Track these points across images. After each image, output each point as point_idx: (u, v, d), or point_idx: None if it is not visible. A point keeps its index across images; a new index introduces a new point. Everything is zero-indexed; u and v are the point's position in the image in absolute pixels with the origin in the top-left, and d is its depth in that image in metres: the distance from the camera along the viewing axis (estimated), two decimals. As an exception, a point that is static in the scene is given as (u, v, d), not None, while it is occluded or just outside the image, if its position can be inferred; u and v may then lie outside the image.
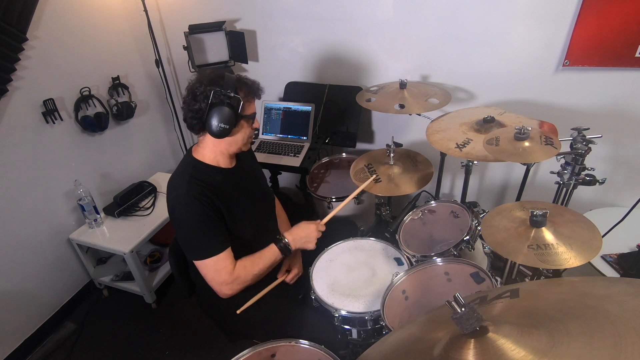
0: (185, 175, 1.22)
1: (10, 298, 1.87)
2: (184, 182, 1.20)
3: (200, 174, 1.23)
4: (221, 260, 1.20)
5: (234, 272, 1.22)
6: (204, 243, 1.20)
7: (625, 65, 1.64)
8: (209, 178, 1.24)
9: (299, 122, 2.16)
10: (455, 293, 0.69)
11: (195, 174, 1.22)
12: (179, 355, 1.93)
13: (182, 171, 1.26)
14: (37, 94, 1.84)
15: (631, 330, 0.54)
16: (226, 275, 1.20)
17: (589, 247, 1.03)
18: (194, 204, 1.17)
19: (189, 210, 1.18)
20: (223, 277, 1.21)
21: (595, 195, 1.98)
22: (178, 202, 1.19)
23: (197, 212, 1.17)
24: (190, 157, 1.28)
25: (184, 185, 1.19)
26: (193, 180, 1.20)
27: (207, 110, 1.17)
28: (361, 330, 1.30)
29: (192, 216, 1.18)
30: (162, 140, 2.73)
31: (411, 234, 1.55)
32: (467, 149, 1.45)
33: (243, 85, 1.22)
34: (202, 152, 1.28)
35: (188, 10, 2.29)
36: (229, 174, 1.31)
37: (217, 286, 1.23)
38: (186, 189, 1.18)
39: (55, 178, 2.00)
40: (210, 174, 1.26)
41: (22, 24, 1.66)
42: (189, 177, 1.21)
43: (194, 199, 1.17)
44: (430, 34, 1.89)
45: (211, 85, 1.17)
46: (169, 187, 1.25)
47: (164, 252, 2.35)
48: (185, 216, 1.19)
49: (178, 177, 1.25)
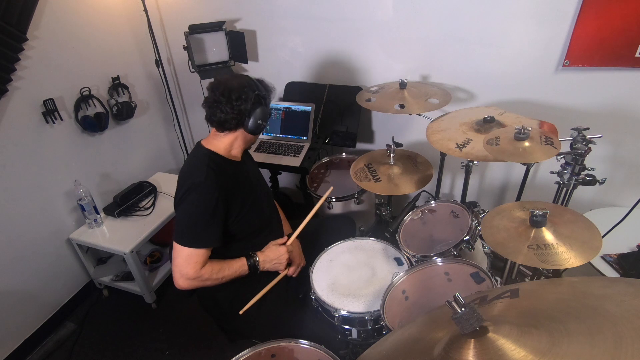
0: (203, 165, 1.25)
1: (10, 298, 1.87)
2: (202, 171, 1.23)
3: (216, 164, 1.27)
4: (195, 255, 1.22)
5: (201, 270, 1.24)
6: (193, 232, 1.23)
7: (625, 65, 1.64)
8: (224, 168, 1.29)
9: (299, 122, 2.16)
10: (455, 293, 0.69)
11: (211, 164, 1.26)
12: (179, 355, 1.93)
13: (198, 161, 1.29)
14: (37, 94, 1.84)
15: (631, 330, 0.54)
16: (192, 270, 1.22)
17: (589, 247, 1.03)
18: (207, 196, 1.21)
19: (200, 200, 1.21)
20: (189, 270, 1.22)
21: (595, 195, 1.98)
22: (194, 189, 1.21)
23: (207, 205, 1.21)
24: (203, 148, 1.31)
25: (203, 174, 1.22)
26: (211, 170, 1.24)
27: (250, 111, 1.27)
28: (361, 330, 1.30)
29: (200, 206, 1.21)
30: (162, 140, 2.73)
31: (411, 234, 1.55)
32: (467, 149, 1.45)
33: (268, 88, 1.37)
34: (216, 145, 1.32)
35: (188, 10, 2.29)
36: (239, 167, 1.36)
37: (177, 275, 1.24)
38: (204, 178, 1.21)
39: (55, 178, 2.00)
40: (225, 165, 1.30)
41: (22, 24, 1.66)
42: (207, 167, 1.24)
43: (210, 190, 1.21)
44: (430, 34, 1.89)
45: (250, 88, 1.28)
46: (184, 175, 1.27)
47: (164, 252, 2.35)
48: (193, 203, 1.22)
49: (194, 165, 1.28)
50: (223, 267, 1.28)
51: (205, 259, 1.24)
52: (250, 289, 1.36)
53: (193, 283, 1.25)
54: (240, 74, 1.38)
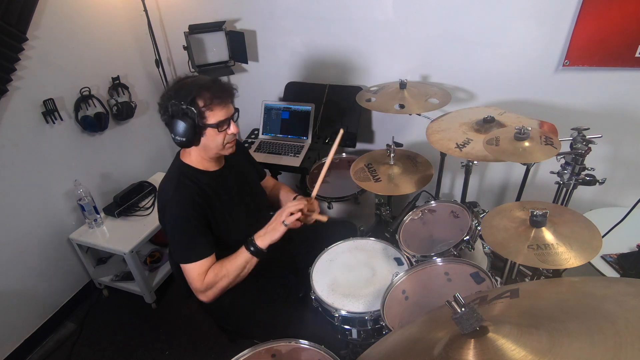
0: (173, 179, 1.25)
1: (10, 298, 1.87)
2: (172, 186, 1.23)
3: (187, 178, 1.25)
4: (196, 267, 1.22)
5: (205, 279, 1.22)
6: (184, 248, 1.23)
7: (625, 65, 1.63)
8: (196, 180, 1.26)
9: (299, 122, 2.16)
10: (455, 293, 0.69)
11: (182, 178, 1.25)
12: (179, 355, 1.93)
13: (170, 176, 1.29)
14: (37, 94, 1.84)
15: (631, 330, 0.54)
16: (198, 282, 1.22)
17: (589, 247, 1.03)
18: (180, 209, 1.20)
19: (175, 215, 1.21)
20: (196, 284, 1.23)
21: (595, 195, 1.98)
22: (167, 206, 1.22)
23: (183, 216, 1.20)
24: (178, 161, 1.31)
25: (172, 189, 1.22)
26: (180, 184, 1.23)
27: (169, 122, 1.20)
28: (361, 330, 1.30)
29: (177, 220, 1.21)
30: (162, 140, 2.73)
31: (411, 234, 1.55)
32: (467, 149, 1.45)
33: (203, 93, 1.17)
34: (188, 156, 1.31)
35: (188, 10, 2.29)
36: (215, 176, 1.33)
37: (194, 292, 1.25)
38: (174, 193, 1.21)
39: (55, 178, 2.00)
40: (197, 177, 1.28)
41: (22, 24, 1.66)
42: (176, 182, 1.23)
43: (181, 204, 1.20)
44: (430, 34, 1.89)
45: (172, 98, 1.17)
46: (159, 192, 1.29)
47: (164, 252, 2.35)
48: (171, 220, 1.22)
49: (167, 181, 1.28)
50: (225, 266, 1.25)
51: (205, 269, 1.23)
52: (250, 289, 1.36)
53: (208, 294, 1.24)
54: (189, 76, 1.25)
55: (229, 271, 1.25)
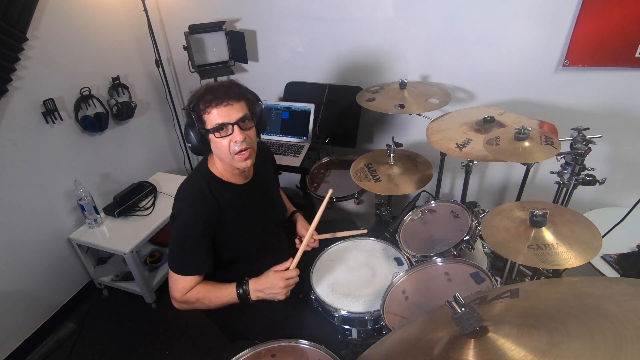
0: (195, 188, 1.22)
1: (10, 298, 1.87)
2: (192, 196, 1.21)
3: (210, 192, 1.22)
4: (182, 281, 1.24)
5: (187, 295, 1.24)
6: (179, 258, 1.24)
7: (625, 65, 1.63)
8: (219, 196, 1.24)
9: (299, 122, 2.16)
10: (455, 293, 0.69)
11: (205, 190, 1.22)
12: (179, 355, 1.93)
13: (193, 183, 1.26)
14: (37, 94, 1.84)
15: (631, 330, 0.54)
16: (178, 294, 1.25)
17: (589, 247, 1.03)
18: (190, 224, 1.19)
19: (185, 227, 1.20)
20: (175, 293, 1.25)
21: (595, 195, 1.98)
22: (179, 213, 1.21)
23: (188, 232, 1.20)
24: (205, 167, 1.27)
25: (190, 201, 1.21)
26: (200, 199, 1.20)
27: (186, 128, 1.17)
28: (361, 330, 1.30)
29: (184, 232, 1.21)
30: (162, 140, 2.73)
31: (411, 234, 1.55)
32: (467, 149, 1.45)
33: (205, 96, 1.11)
34: (213, 164, 1.28)
35: (188, 10, 2.29)
36: (240, 192, 1.30)
37: (170, 295, 1.28)
38: (189, 205, 1.20)
39: (55, 178, 2.00)
40: (220, 192, 1.25)
41: (22, 24, 1.66)
42: (198, 193, 1.21)
43: (193, 218, 1.19)
44: (430, 34, 1.89)
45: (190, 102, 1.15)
46: (178, 194, 1.25)
47: (164, 252, 2.35)
48: (177, 229, 1.21)
49: (189, 187, 1.25)
50: (210, 293, 1.24)
51: (191, 286, 1.24)
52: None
53: (182, 306, 1.27)
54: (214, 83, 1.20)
55: (211, 301, 1.25)
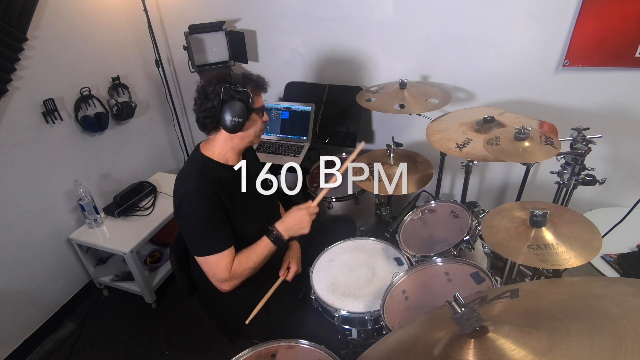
0: (194, 171, 1.24)
1: (10, 298, 1.87)
2: (193, 178, 1.22)
3: (209, 171, 1.25)
4: (222, 258, 1.22)
5: (232, 269, 1.23)
6: (207, 240, 1.22)
7: (625, 65, 1.63)
8: (218, 175, 1.26)
9: (299, 122, 2.16)
10: (455, 293, 0.69)
11: (204, 170, 1.24)
12: (179, 355, 1.93)
13: (191, 167, 1.28)
14: (37, 94, 1.84)
15: (631, 330, 0.54)
16: (225, 272, 1.22)
17: (589, 247, 1.03)
18: (202, 201, 1.19)
19: (196, 207, 1.19)
20: (222, 274, 1.23)
21: (595, 195, 1.98)
22: (186, 198, 1.20)
23: (205, 209, 1.19)
24: (199, 154, 1.29)
25: (194, 181, 1.21)
26: (202, 176, 1.22)
27: (220, 107, 1.20)
28: (361, 330, 1.30)
29: (199, 213, 1.20)
30: (162, 140, 2.73)
31: (411, 234, 1.55)
32: (467, 149, 1.45)
33: (250, 80, 1.26)
34: (211, 149, 1.29)
35: (188, 10, 2.29)
36: (236, 172, 1.33)
37: (216, 282, 1.25)
38: (195, 186, 1.20)
39: (55, 178, 2.00)
40: (219, 171, 1.28)
41: (22, 24, 1.66)
42: (198, 174, 1.22)
43: (203, 196, 1.19)
44: (430, 34, 1.89)
45: (220, 83, 1.21)
46: (177, 183, 1.26)
47: (164, 252, 2.35)
48: (192, 212, 1.20)
49: (187, 173, 1.27)
50: (249, 256, 1.27)
51: (231, 259, 1.24)
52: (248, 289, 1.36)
53: (233, 282, 1.25)
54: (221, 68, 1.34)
55: (254, 262, 1.26)
